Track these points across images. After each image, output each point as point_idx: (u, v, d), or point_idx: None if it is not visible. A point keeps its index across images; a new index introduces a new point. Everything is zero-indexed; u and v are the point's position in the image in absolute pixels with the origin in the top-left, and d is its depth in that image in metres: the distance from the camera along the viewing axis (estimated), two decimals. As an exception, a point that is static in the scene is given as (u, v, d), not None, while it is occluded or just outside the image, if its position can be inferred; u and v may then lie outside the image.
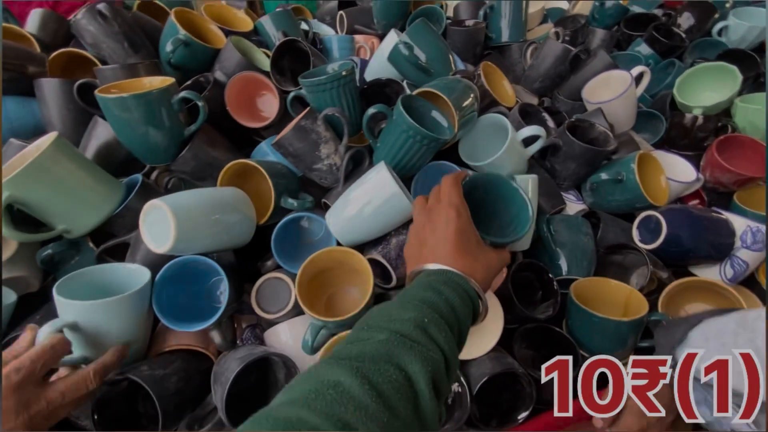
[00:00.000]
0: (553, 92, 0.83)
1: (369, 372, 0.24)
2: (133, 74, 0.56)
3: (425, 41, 0.64)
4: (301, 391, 0.22)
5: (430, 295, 0.32)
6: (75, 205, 0.47)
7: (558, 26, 0.97)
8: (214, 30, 0.69)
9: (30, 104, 0.58)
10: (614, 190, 0.61)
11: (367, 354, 0.25)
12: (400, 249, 0.51)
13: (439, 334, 0.29)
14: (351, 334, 0.30)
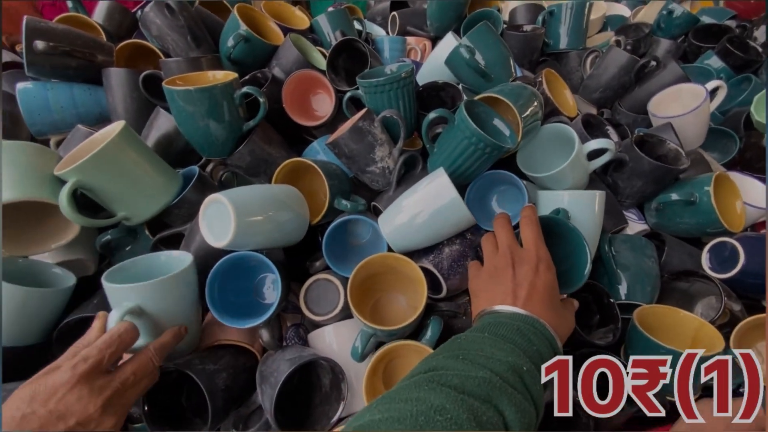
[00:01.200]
0: (614, 103, 0.79)
1: (473, 407, 0.23)
2: (195, 67, 0.57)
3: (487, 45, 0.62)
4: (405, 411, 0.22)
5: (522, 341, 0.31)
6: (136, 194, 0.48)
7: (619, 34, 0.92)
8: (272, 27, 0.69)
9: (96, 92, 0.60)
10: (684, 212, 0.56)
11: (468, 388, 0.25)
12: (452, 260, 0.49)
13: (534, 385, 0.29)
14: (441, 359, 0.29)
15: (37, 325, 0.43)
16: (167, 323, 0.41)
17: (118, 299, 0.39)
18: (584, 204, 0.50)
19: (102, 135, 0.49)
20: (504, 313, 0.35)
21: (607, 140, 0.53)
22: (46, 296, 0.42)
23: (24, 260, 0.46)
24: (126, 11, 0.82)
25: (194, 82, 0.50)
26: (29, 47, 0.53)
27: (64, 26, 0.57)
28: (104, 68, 0.58)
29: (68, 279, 0.46)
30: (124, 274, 0.41)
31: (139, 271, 0.43)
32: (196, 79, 0.52)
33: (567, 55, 0.85)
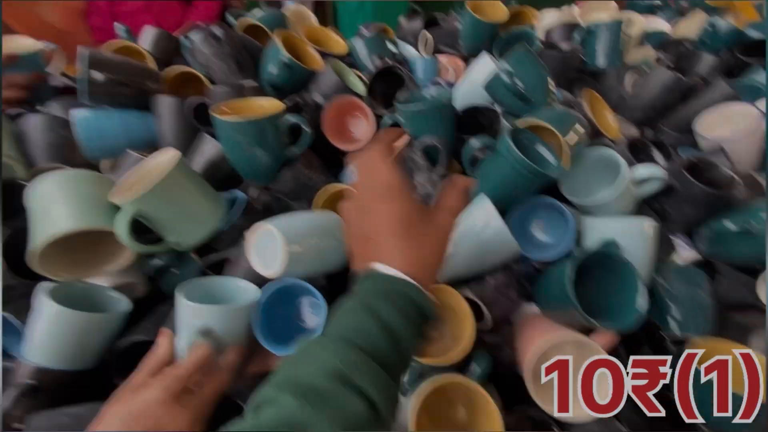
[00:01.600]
0: (658, 123, 0.76)
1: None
2: (240, 95, 0.58)
3: (527, 69, 0.61)
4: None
5: (363, 322, 0.28)
6: (188, 221, 0.49)
7: (660, 51, 0.90)
8: (311, 52, 0.71)
9: (146, 118, 0.63)
10: (740, 242, 0.54)
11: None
12: (497, 290, 0.49)
13: (364, 378, 0.26)
14: (266, 390, 0.27)
15: (95, 349, 0.44)
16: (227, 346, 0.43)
17: (189, 317, 0.40)
18: (636, 235, 0.48)
19: (156, 164, 0.51)
20: (367, 279, 0.31)
21: (656, 167, 0.51)
22: (106, 321, 0.44)
23: (82, 284, 0.48)
24: (170, 37, 0.86)
25: (241, 110, 0.52)
26: (88, 78, 0.56)
27: (121, 57, 0.60)
28: (155, 95, 0.61)
29: (124, 303, 0.48)
30: (197, 293, 0.43)
31: (203, 294, 0.44)
32: (243, 107, 0.53)
33: (604, 72, 0.84)
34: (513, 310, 0.50)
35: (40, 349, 0.42)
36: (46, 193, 0.45)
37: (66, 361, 0.43)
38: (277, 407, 0.24)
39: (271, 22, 0.80)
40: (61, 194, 0.45)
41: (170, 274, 0.54)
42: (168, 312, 0.50)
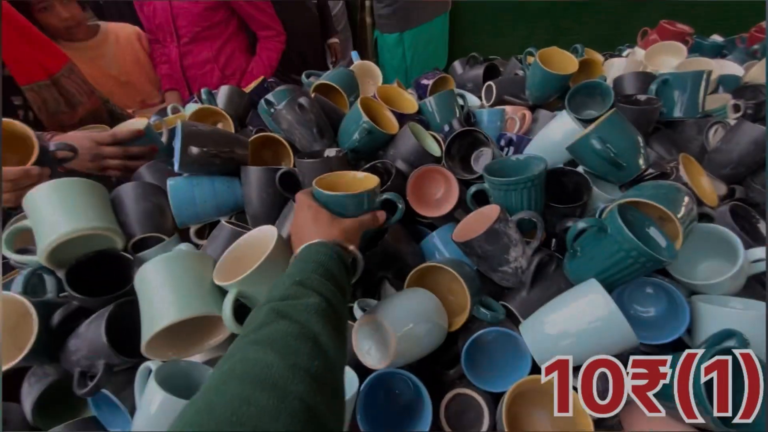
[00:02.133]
0: (746, 179, 0.72)
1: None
2: (326, 166, 0.59)
3: (618, 134, 0.59)
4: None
5: (300, 265, 0.41)
6: (284, 300, 0.49)
7: (737, 97, 0.86)
8: (388, 115, 0.71)
9: (233, 184, 0.64)
10: None
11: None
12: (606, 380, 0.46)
13: (312, 283, 0.37)
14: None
15: None
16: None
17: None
18: (760, 323, 0.44)
19: (254, 240, 0.51)
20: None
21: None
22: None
23: (184, 363, 0.48)
24: (243, 93, 0.90)
25: (337, 183, 0.52)
26: (184, 151, 0.58)
27: (211, 128, 0.63)
28: (243, 164, 0.63)
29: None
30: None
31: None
32: (340, 180, 0.54)
33: (681, 123, 0.81)
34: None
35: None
36: (155, 279, 0.46)
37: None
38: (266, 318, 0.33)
39: (342, 81, 0.82)
40: (168, 280, 0.46)
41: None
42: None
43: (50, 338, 0.50)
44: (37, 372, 0.53)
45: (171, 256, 0.48)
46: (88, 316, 0.50)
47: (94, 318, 0.49)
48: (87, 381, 0.47)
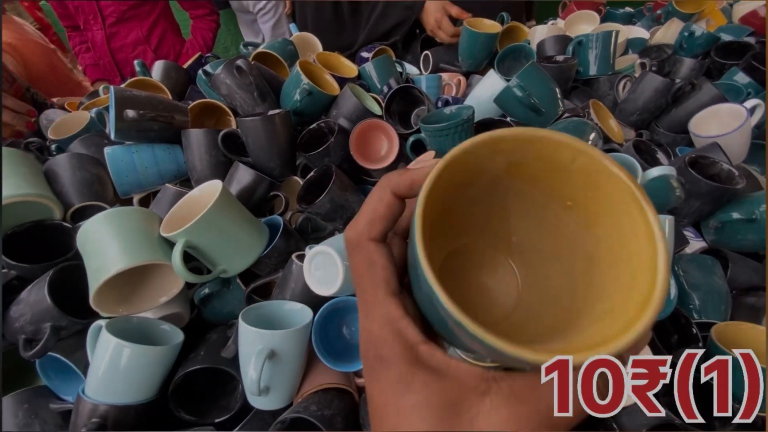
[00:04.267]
0: (651, 124, 0.82)
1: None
2: (269, 125, 0.61)
3: (537, 83, 0.66)
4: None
5: None
6: (235, 248, 0.51)
7: (643, 56, 0.97)
8: (328, 78, 0.74)
9: (174, 150, 0.64)
10: (746, 230, 0.59)
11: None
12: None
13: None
14: None
15: (156, 381, 0.45)
16: (299, 367, 0.44)
17: (255, 343, 0.42)
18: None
19: (199, 196, 0.52)
20: None
21: (667, 167, 0.56)
22: (166, 353, 0.45)
23: (135, 318, 0.48)
24: (180, 69, 0.88)
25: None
26: (119, 116, 0.58)
27: (147, 93, 0.62)
28: (183, 129, 0.62)
29: (177, 335, 0.48)
30: (248, 321, 0.44)
31: (259, 319, 0.46)
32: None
33: (596, 80, 0.89)
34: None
35: (104, 387, 0.43)
36: (98, 233, 0.46)
37: (130, 395, 0.43)
38: None
39: (282, 51, 0.83)
40: (113, 233, 0.46)
41: (214, 302, 0.55)
42: (218, 339, 0.51)
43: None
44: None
45: (115, 211, 0.48)
46: (27, 286, 0.49)
47: (36, 282, 0.48)
48: (33, 346, 0.47)
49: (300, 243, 0.57)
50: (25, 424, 0.46)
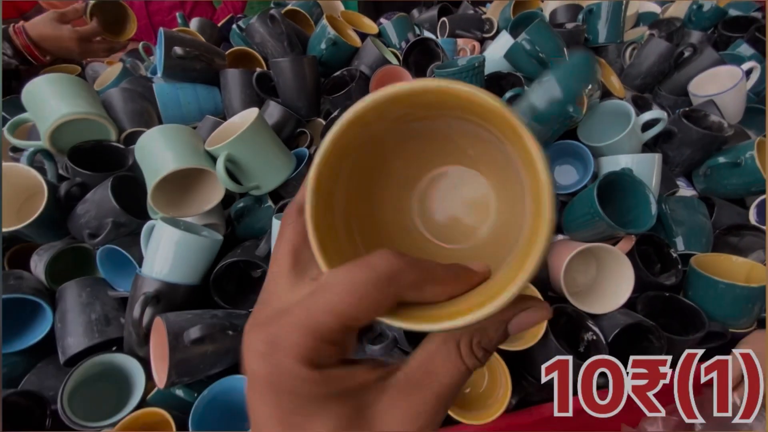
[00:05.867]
0: (655, 88, 0.87)
1: None
2: (299, 66, 0.67)
3: (544, 38, 0.71)
4: None
5: None
6: (268, 166, 0.58)
7: (653, 29, 1.01)
8: (351, 33, 0.80)
9: (213, 90, 0.71)
10: (731, 174, 0.64)
11: None
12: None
13: None
14: None
15: (202, 267, 0.53)
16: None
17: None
18: (645, 164, 0.58)
19: (239, 122, 0.59)
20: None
21: (659, 111, 0.61)
22: (211, 244, 0.53)
23: (183, 223, 0.56)
24: (214, 26, 0.95)
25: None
26: (168, 53, 0.65)
27: (191, 36, 0.69)
28: (221, 70, 0.70)
29: (216, 236, 0.56)
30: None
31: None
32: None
33: (606, 48, 0.94)
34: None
35: (158, 267, 0.50)
36: (156, 140, 0.54)
37: (179, 276, 0.51)
38: None
39: (309, 9, 0.89)
40: (168, 142, 0.54)
41: (247, 217, 0.63)
42: (251, 246, 0.59)
43: (57, 211, 0.56)
44: (44, 247, 0.60)
45: (169, 126, 0.56)
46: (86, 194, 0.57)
47: (99, 186, 0.56)
48: (95, 238, 0.55)
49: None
50: (88, 303, 0.54)
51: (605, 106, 0.65)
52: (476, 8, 1.16)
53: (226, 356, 0.48)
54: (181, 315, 0.47)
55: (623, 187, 0.55)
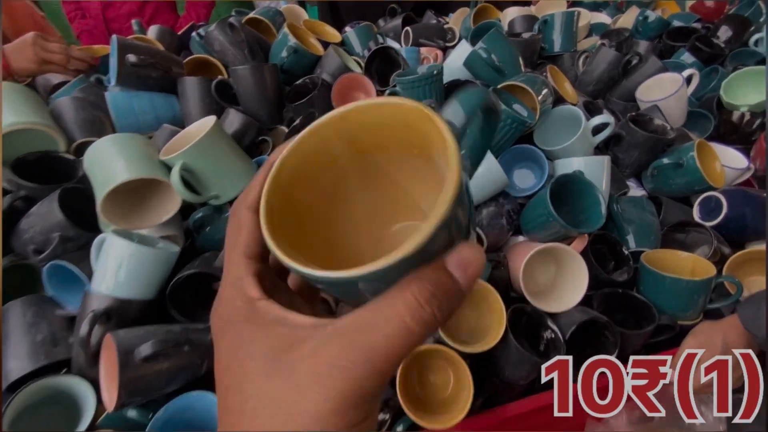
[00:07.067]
0: (605, 95, 0.91)
1: None
2: (259, 74, 0.67)
3: (500, 46, 0.74)
4: None
5: None
6: (226, 175, 0.57)
7: (603, 38, 1.06)
8: (313, 42, 0.80)
9: (170, 99, 0.70)
10: (675, 174, 0.68)
11: None
12: (491, 219, 0.59)
13: None
14: None
15: (157, 282, 0.51)
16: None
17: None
18: (595, 166, 0.61)
19: (195, 130, 0.58)
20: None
21: (607, 116, 0.65)
22: (166, 256, 0.51)
23: (137, 236, 0.54)
24: (174, 34, 0.93)
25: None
26: (121, 61, 0.63)
27: (146, 43, 0.67)
28: (179, 78, 0.68)
29: (173, 248, 0.54)
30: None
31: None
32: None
33: (560, 57, 0.98)
34: (504, 237, 0.61)
35: (109, 282, 0.48)
36: (107, 149, 0.52)
37: (131, 291, 0.49)
38: None
39: (272, 18, 0.89)
40: (119, 150, 0.52)
41: (207, 228, 0.61)
42: (211, 257, 0.57)
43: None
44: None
45: (121, 134, 0.54)
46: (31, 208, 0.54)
47: (45, 198, 0.53)
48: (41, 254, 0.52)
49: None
50: (33, 323, 0.51)
51: (559, 112, 0.68)
52: (439, 18, 1.19)
53: (182, 373, 0.46)
54: (132, 331, 0.45)
55: (576, 188, 0.58)
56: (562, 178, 0.55)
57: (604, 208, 0.55)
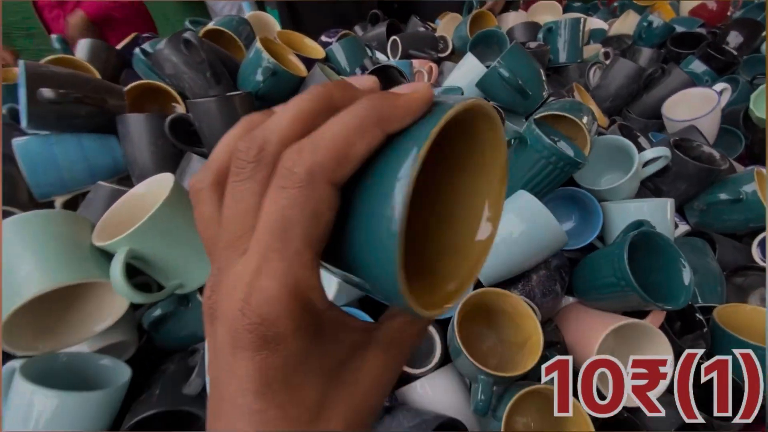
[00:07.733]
0: (622, 111, 0.82)
1: None
2: (228, 107, 0.51)
3: (522, 64, 0.62)
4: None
5: None
6: (192, 256, 0.41)
7: (606, 46, 0.98)
8: (292, 59, 0.65)
9: (107, 140, 0.53)
10: (732, 210, 0.59)
11: None
12: (542, 286, 0.47)
13: None
14: None
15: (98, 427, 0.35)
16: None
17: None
18: (658, 211, 0.50)
19: (144, 193, 0.42)
20: None
21: (663, 148, 0.54)
22: (103, 399, 0.35)
23: (63, 355, 0.37)
24: (111, 49, 0.74)
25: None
26: (32, 97, 0.45)
27: (68, 70, 0.50)
28: (118, 114, 0.51)
29: (122, 372, 0.38)
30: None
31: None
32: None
33: (566, 68, 0.89)
34: (558, 306, 0.49)
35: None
36: (7, 245, 0.35)
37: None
38: None
39: (235, 28, 0.73)
40: (27, 244, 0.35)
41: (169, 324, 0.45)
42: (177, 371, 0.42)
43: None
44: None
45: (31, 215, 0.37)
46: None
47: None
48: None
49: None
50: None
51: (604, 142, 0.57)
52: (425, 24, 1.06)
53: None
54: None
55: (646, 243, 0.47)
56: (638, 237, 0.44)
57: (689, 278, 0.44)
